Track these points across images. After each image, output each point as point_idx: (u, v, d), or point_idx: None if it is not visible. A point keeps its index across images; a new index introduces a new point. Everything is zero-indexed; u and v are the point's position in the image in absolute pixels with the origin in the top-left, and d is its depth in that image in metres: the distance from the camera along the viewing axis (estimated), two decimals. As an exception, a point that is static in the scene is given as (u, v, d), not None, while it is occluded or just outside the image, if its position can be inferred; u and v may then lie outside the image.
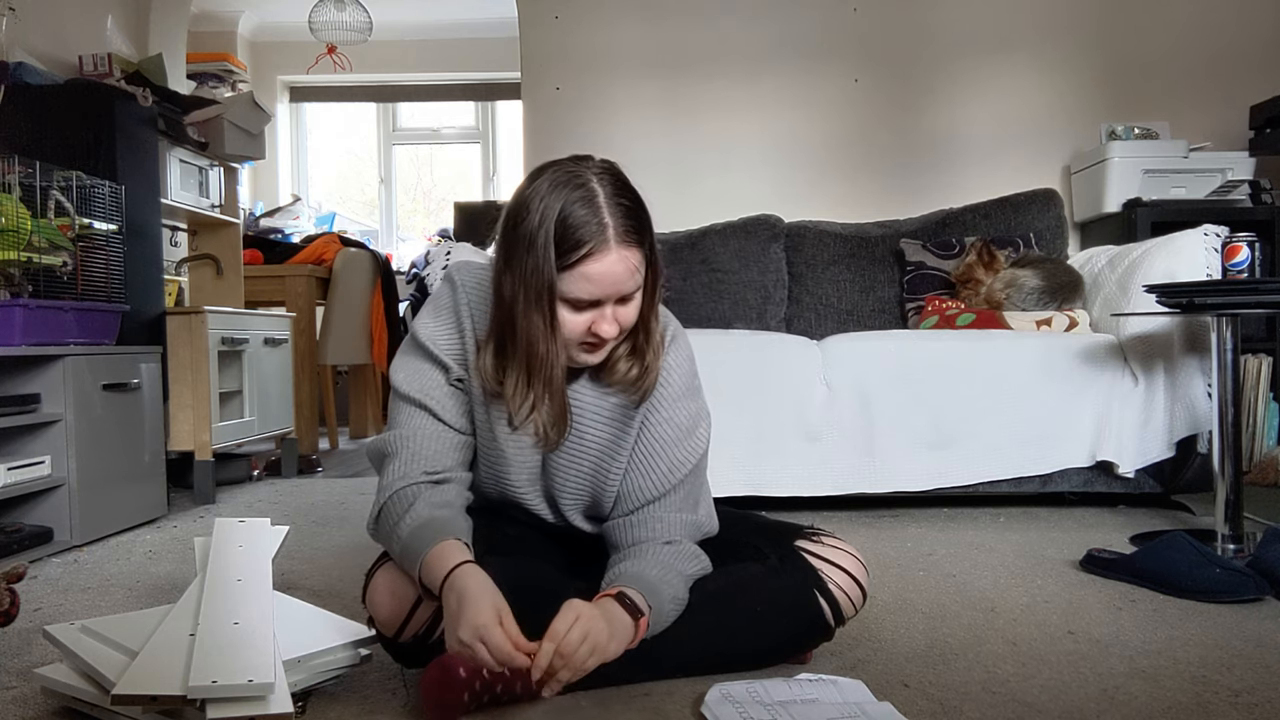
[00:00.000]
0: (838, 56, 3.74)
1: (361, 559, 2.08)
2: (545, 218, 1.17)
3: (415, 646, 1.26)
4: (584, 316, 1.21)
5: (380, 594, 1.26)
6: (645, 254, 1.22)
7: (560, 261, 1.17)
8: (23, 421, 2.22)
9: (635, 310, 1.25)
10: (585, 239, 1.17)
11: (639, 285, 1.23)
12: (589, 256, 1.17)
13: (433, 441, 1.29)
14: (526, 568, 1.30)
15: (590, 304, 1.20)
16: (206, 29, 5.34)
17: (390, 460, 1.29)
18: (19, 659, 1.47)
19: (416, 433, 1.29)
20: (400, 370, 1.33)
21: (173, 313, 2.97)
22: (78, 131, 2.75)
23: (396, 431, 1.30)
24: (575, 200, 1.18)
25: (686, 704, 1.23)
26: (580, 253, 1.17)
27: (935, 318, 2.92)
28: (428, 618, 1.23)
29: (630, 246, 1.19)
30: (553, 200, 1.18)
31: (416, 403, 1.30)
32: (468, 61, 5.78)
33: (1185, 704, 1.22)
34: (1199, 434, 2.44)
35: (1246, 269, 2.13)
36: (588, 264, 1.17)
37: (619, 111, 3.78)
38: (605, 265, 1.18)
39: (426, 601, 1.22)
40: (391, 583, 1.25)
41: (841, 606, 1.35)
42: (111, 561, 2.17)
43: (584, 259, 1.17)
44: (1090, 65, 3.66)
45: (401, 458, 1.28)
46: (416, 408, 1.30)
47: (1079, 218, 3.60)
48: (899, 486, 2.50)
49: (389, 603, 1.25)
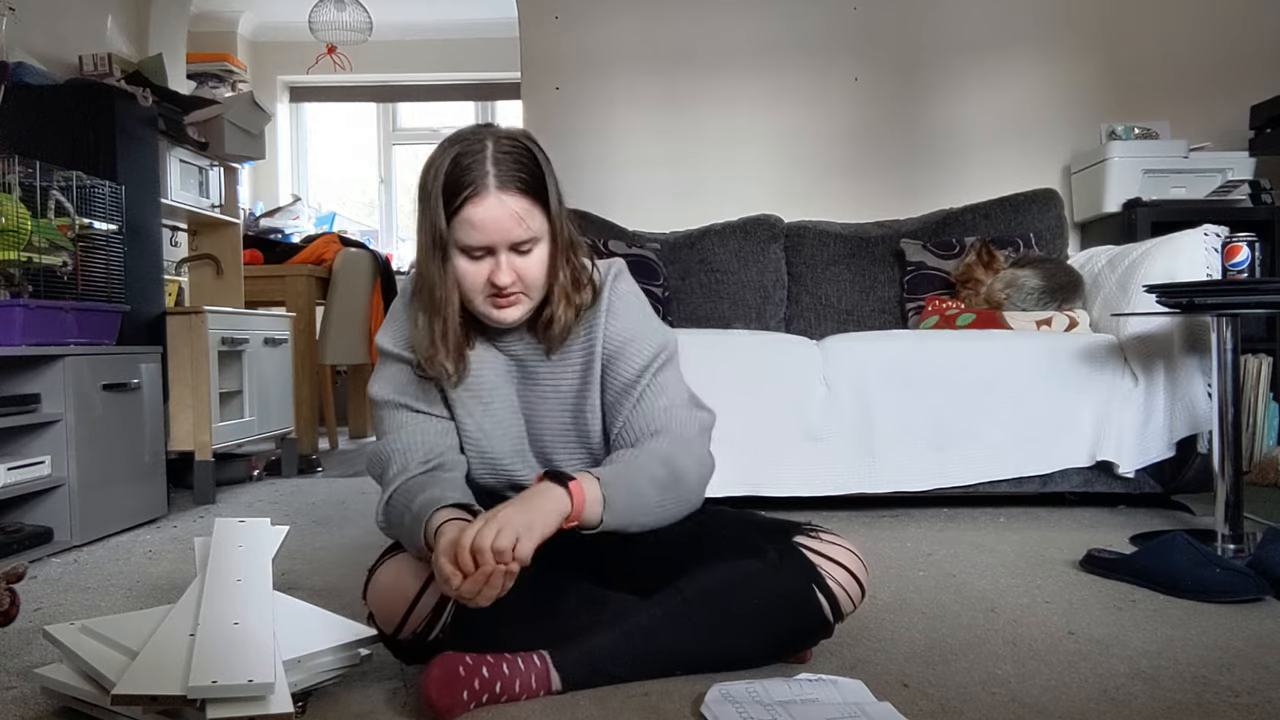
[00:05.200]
0: (838, 56, 3.73)
1: (361, 558, 2.07)
2: (437, 170, 1.26)
3: (414, 644, 1.27)
4: (481, 266, 1.27)
5: (380, 591, 1.27)
6: (540, 208, 1.27)
7: (447, 209, 1.24)
8: (23, 421, 2.22)
9: (538, 266, 1.29)
10: (466, 184, 1.23)
11: (531, 235, 1.27)
12: (469, 200, 1.23)
13: (420, 433, 1.36)
14: (523, 574, 1.28)
15: (483, 252, 1.26)
16: (206, 29, 5.34)
17: (389, 462, 1.34)
18: (19, 659, 1.47)
19: (403, 429, 1.36)
20: (374, 383, 1.40)
21: (173, 313, 2.97)
22: (78, 131, 2.75)
23: (387, 437, 1.37)
24: (463, 153, 1.25)
25: (686, 704, 1.23)
26: (462, 196, 1.23)
27: (935, 318, 2.92)
28: (427, 614, 1.24)
29: (513, 193, 1.24)
30: (444, 155, 1.26)
31: (395, 404, 1.38)
32: (468, 61, 5.78)
33: (1185, 704, 1.22)
34: (1199, 434, 2.44)
35: (1246, 269, 2.13)
36: (469, 208, 1.23)
37: (619, 111, 3.78)
38: (486, 209, 1.23)
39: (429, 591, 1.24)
40: (392, 580, 1.26)
41: (840, 602, 1.35)
42: (111, 561, 2.17)
43: (465, 202, 1.23)
44: (1090, 65, 3.66)
45: (397, 457, 1.34)
46: (396, 409, 1.38)
47: (1079, 218, 3.60)
48: (899, 486, 2.50)
49: (389, 600, 1.26)
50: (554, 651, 1.26)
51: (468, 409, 1.38)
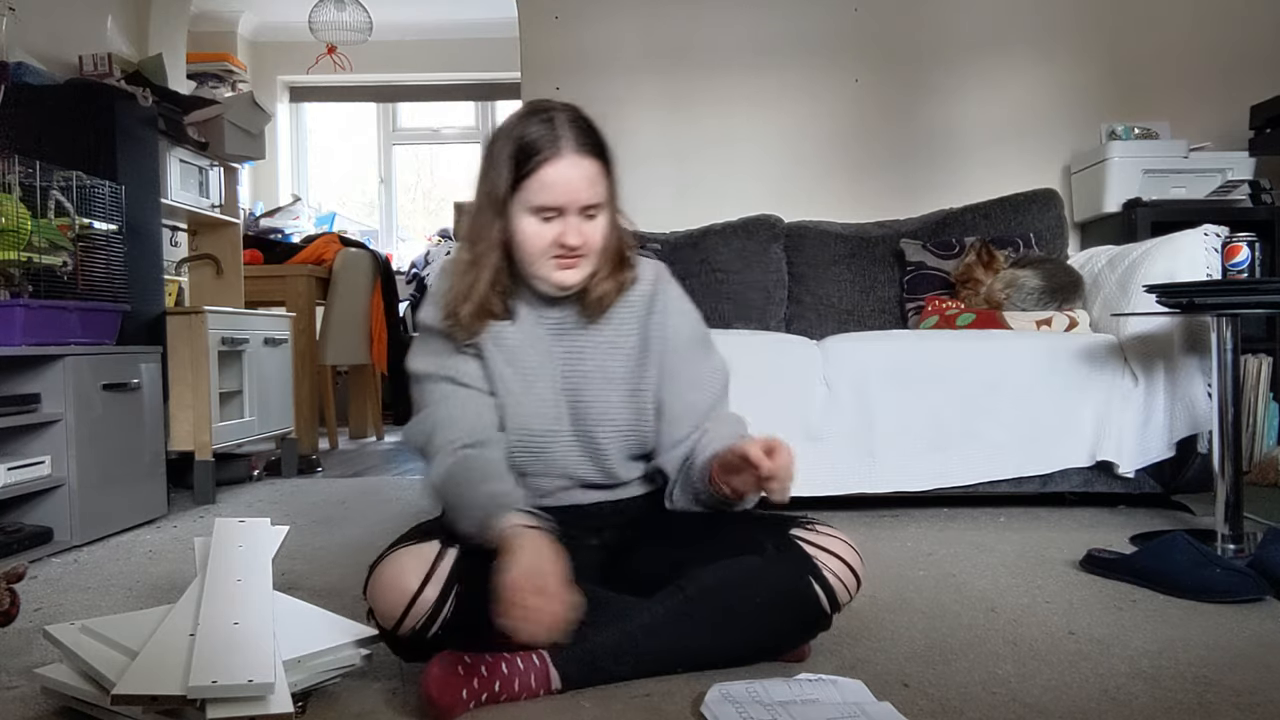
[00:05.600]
0: (838, 56, 3.73)
1: (361, 559, 2.07)
2: (509, 134, 1.33)
3: (414, 640, 1.26)
4: (549, 227, 1.32)
5: (381, 587, 1.27)
6: (606, 177, 1.35)
7: (520, 171, 1.30)
8: (23, 421, 2.22)
9: (601, 231, 1.35)
10: (542, 147, 1.30)
11: (598, 200, 1.34)
12: (546, 161, 1.30)
13: (462, 407, 1.38)
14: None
15: (554, 213, 1.32)
16: (206, 29, 5.34)
17: (433, 432, 1.36)
18: (19, 659, 1.47)
19: (446, 401, 1.38)
20: (416, 358, 1.41)
21: (173, 313, 2.97)
22: (78, 131, 2.75)
23: (430, 409, 1.39)
24: (535, 121, 1.33)
25: (686, 704, 1.23)
26: (539, 157, 1.30)
27: (935, 318, 2.92)
28: (427, 610, 1.24)
29: (587, 156, 1.32)
30: (515, 123, 1.34)
31: (437, 377, 1.39)
32: (468, 61, 5.78)
33: (1187, 704, 1.22)
34: (1199, 434, 2.44)
35: (1246, 269, 2.13)
36: (546, 168, 1.30)
37: (619, 112, 3.77)
38: (560, 170, 1.30)
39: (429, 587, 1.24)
40: (393, 576, 1.26)
41: (837, 593, 1.35)
42: (111, 561, 2.17)
43: (542, 163, 1.30)
44: (1090, 65, 3.66)
45: (443, 429, 1.36)
46: (438, 381, 1.39)
47: (1079, 218, 3.60)
48: (899, 486, 2.50)
49: (389, 596, 1.25)
50: (554, 650, 1.26)
51: (508, 385, 1.40)
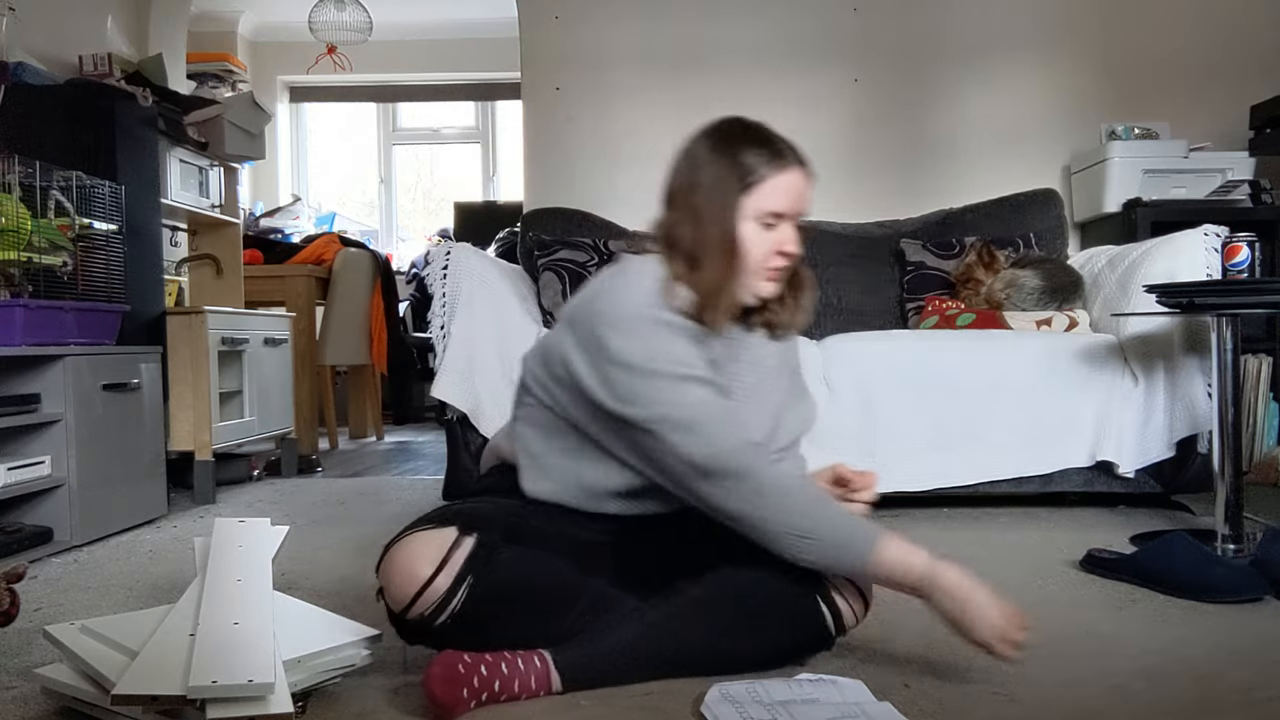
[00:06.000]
0: (838, 56, 3.73)
1: (361, 559, 2.08)
2: (733, 143, 1.33)
3: (420, 625, 1.25)
4: (769, 235, 1.33)
5: (394, 569, 1.25)
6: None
7: (754, 177, 1.31)
8: (23, 421, 2.22)
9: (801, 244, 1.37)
10: (779, 153, 1.33)
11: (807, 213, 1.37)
12: (783, 168, 1.32)
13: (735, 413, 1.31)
14: (542, 565, 1.31)
15: (777, 220, 1.33)
16: (206, 29, 5.34)
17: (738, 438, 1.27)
18: (19, 659, 1.47)
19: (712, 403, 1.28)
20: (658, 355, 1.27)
21: (173, 313, 2.97)
22: (78, 131, 2.75)
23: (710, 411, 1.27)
24: (752, 131, 1.35)
25: (686, 704, 1.23)
26: (775, 164, 1.32)
27: (935, 318, 2.92)
28: (438, 598, 1.23)
29: (806, 170, 1.35)
30: (734, 132, 1.35)
31: (701, 379, 1.29)
32: (468, 61, 5.78)
33: (1187, 704, 1.22)
34: (1199, 434, 2.44)
35: (1246, 269, 2.13)
36: (782, 175, 1.32)
37: (619, 112, 3.78)
38: (794, 178, 1.33)
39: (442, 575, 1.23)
40: (407, 559, 1.24)
41: (844, 616, 1.35)
42: (111, 561, 2.17)
43: (777, 170, 1.32)
44: (1090, 65, 3.65)
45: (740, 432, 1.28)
46: (701, 384, 1.29)
47: (1079, 218, 3.60)
48: (900, 486, 2.50)
49: (401, 579, 1.24)
50: (555, 651, 1.26)
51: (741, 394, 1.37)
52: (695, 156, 1.35)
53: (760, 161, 1.32)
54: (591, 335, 1.30)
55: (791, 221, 1.35)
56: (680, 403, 1.26)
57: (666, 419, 1.26)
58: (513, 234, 4.59)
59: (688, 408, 1.26)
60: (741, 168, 1.31)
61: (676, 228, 1.35)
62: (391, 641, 1.34)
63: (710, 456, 1.25)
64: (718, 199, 1.32)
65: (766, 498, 1.25)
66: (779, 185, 1.32)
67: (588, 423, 1.34)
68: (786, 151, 1.34)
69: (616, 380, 1.27)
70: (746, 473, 1.25)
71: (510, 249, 4.34)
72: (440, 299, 2.57)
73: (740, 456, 1.26)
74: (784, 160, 1.33)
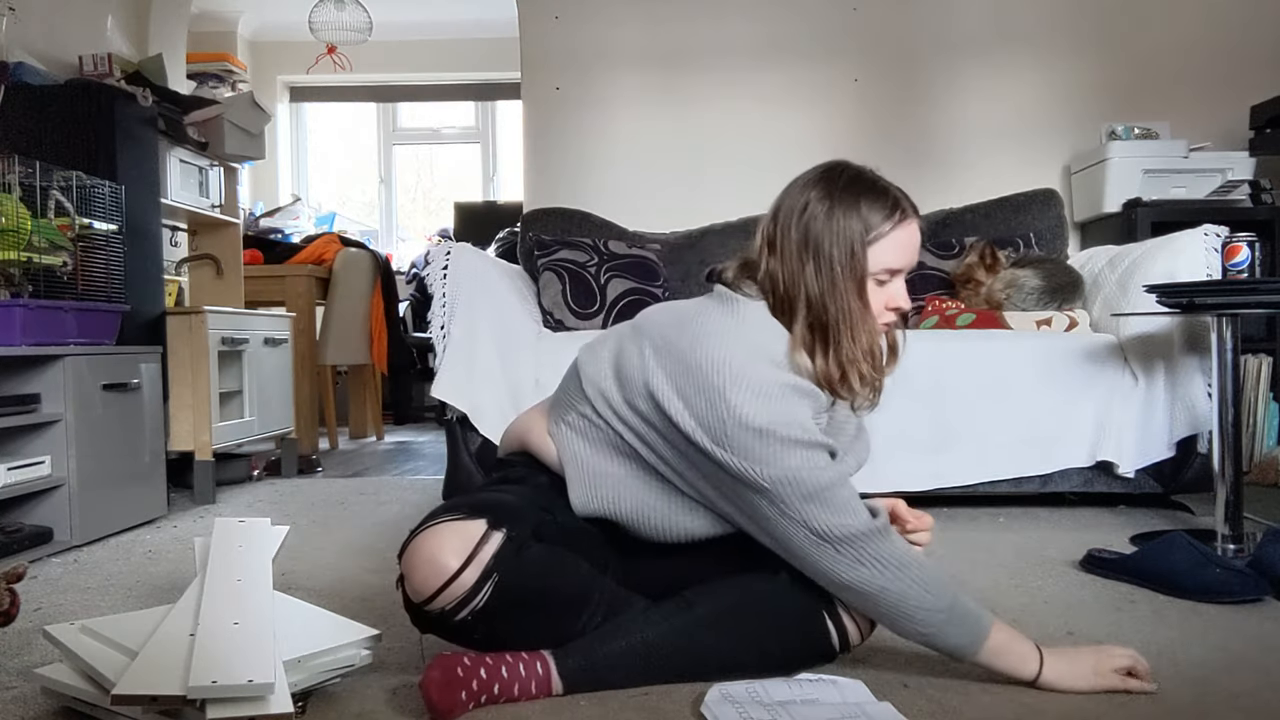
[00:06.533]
0: (838, 56, 3.73)
1: (361, 559, 2.08)
2: (853, 199, 1.28)
3: (440, 618, 1.22)
4: (882, 293, 1.31)
5: (419, 560, 1.21)
6: None
7: (873, 234, 1.28)
8: (23, 421, 2.22)
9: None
10: (899, 206, 1.29)
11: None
12: (900, 223, 1.29)
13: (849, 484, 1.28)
14: (566, 565, 1.29)
15: (891, 276, 1.30)
16: (206, 29, 5.34)
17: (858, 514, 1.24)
18: (19, 659, 1.47)
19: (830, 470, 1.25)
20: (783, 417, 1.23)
21: (173, 313, 2.97)
22: (78, 131, 2.75)
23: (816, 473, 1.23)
24: (868, 181, 1.31)
25: (686, 704, 1.23)
26: (894, 219, 1.28)
27: (935, 318, 2.92)
28: (462, 594, 1.19)
29: (920, 221, 1.32)
30: (852, 188, 1.29)
31: (823, 446, 1.26)
32: (468, 61, 5.79)
33: (1185, 705, 1.22)
34: (1199, 434, 2.44)
35: (1246, 269, 2.13)
36: (901, 230, 1.29)
37: (619, 112, 3.78)
38: (912, 232, 1.30)
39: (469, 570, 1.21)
40: (433, 551, 1.20)
41: (849, 633, 1.34)
42: (111, 561, 2.17)
43: (897, 224, 1.28)
44: (1090, 65, 3.66)
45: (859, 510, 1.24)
46: (822, 450, 1.25)
47: (1079, 218, 3.60)
48: (899, 486, 2.49)
49: (426, 570, 1.20)
50: (558, 654, 1.26)
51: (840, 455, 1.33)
52: (807, 206, 1.29)
53: (880, 215, 1.28)
54: (708, 385, 1.24)
55: (903, 275, 1.32)
56: (805, 467, 1.22)
57: (791, 482, 1.22)
58: (513, 234, 4.59)
59: (814, 472, 1.22)
60: (863, 221, 1.27)
61: (793, 283, 1.29)
62: (392, 642, 1.34)
63: (837, 525, 1.22)
64: (845, 255, 1.27)
65: (887, 568, 1.22)
66: (899, 240, 1.29)
67: (679, 465, 1.31)
68: (903, 202, 1.30)
69: (736, 438, 1.23)
70: (868, 542, 1.23)
71: (510, 249, 4.34)
72: (440, 299, 2.57)
73: (864, 527, 1.23)
74: (903, 213, 1.29)
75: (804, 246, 1.29)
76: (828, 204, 1.28)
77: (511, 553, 1.22)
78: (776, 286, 1.31)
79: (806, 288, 1.28)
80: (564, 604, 1.28)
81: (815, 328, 1.29)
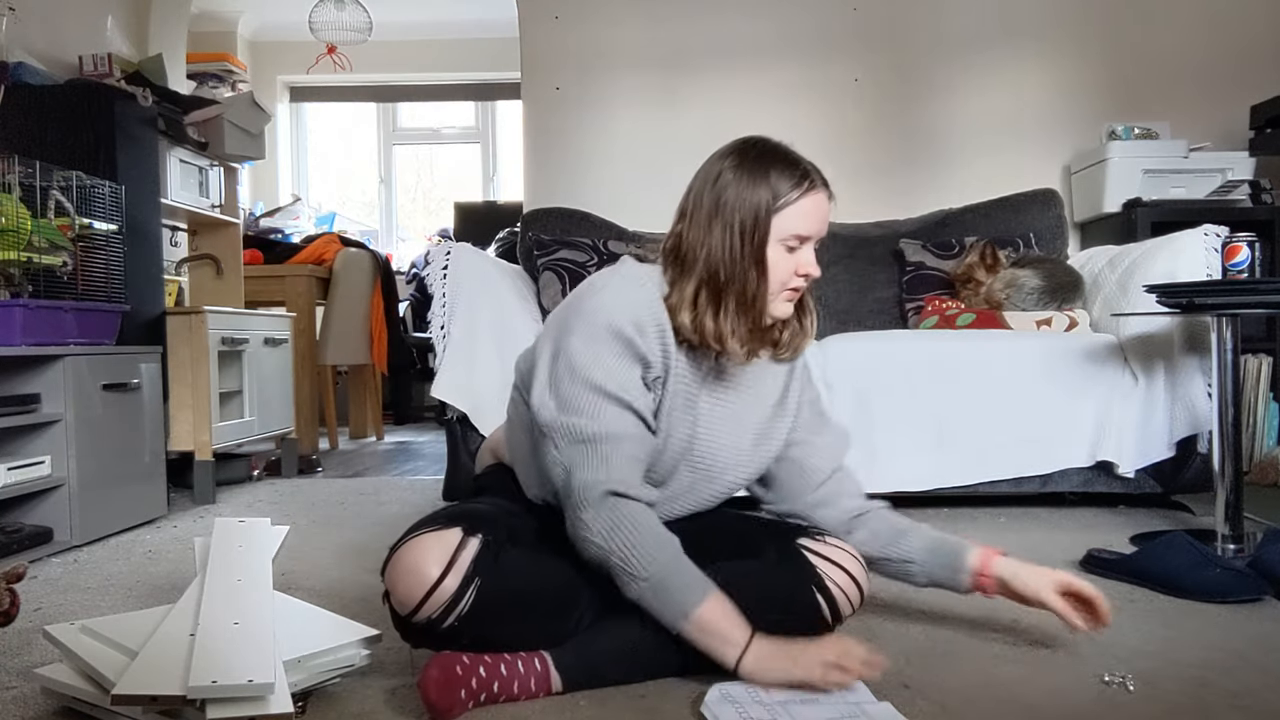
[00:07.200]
0: (838, 56, 3.73)
1: (361, 559, 2.08)
2: (771, 161, 1.32)
3: (427, 628, 1.24)
4: (792, 259, 1.33)
5: (401, 571, 1.24)
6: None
7: (780, 201, 1.31)
8: (23, 421, 2.22)
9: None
10: (806, 175, 1.32)
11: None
12: (808, 191, 1.32)
13: (636, 446, 1.29)
14: (546, 565, 1.31)
15: (800, 243, 1.33)
16: (206, 29, 5.34)
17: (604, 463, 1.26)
18: (19, 659, 1.47)
19: (624, 434, 1.28)
20: (596, 363, 1.28)
21: (173, 313, 2.97)
22: (78, 131, 2.75)
23: (600, 427, 1.26)
24: (780, 153, 1.34)
25: (684, 704, 1.23)
26: (801, 188, 1.31)
27: (935, 318, 2.92)
28: (445, 601, 1.22)
29: (829, 192, 1.35)
30: (760, 158, 1.32)
31: (622, 402, 1.28)
32: (468, 61, 5.79)
33: (1184, 706, 1.22)
34: (1199, 434, 2.44)
35: (1246, 269, 2.13)
36: (807, 197, 1.32)
37: (619, 112, 3.78)
38: (818, 200, 1.33)
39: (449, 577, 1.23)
40: (414, 562, 1.23)
41: (839, 604, 1.36)
42: (111, 561, 2.17)
43: (805, 193, 1.31)
44: (1090, 65, 3.66)
45: (617, 465, 1.26)
46: (622, 408, 1.28)
47: (1079, 218, 3.60)
48: (899, 486, 2.50)
49: (409, 582, 1.23)
50: (556, 652, 1.26)
51: (673, 419, 1.35)
52: (720, 175, 1.33)
53: (789, 184, 1.31)
54: (563, 325, 1.32)
55: (812, 243, 1.35)
56: (584, 410, 1.27)
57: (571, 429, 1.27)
58: (513, 234, 4.59)
59: (593, 420, 1.26)
60: (771, 189, 1.31)
61: (697, 245, 1.32)
62: (391, 642, 1.35)
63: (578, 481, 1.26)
64: (749, 220, 1.30)
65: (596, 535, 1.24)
66: (806, 208, 1.32)
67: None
68: (813, 173, 1.34)
69: (560, 377, 1.29)
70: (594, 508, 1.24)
71: (510, 249, 4.34)
72: (440, 299, 2.57)
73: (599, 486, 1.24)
74: (811, 182, 1.32)
75: (714, 212, 1.32)
76: (738, 172, 1.32)
77: (490, 557, 1.25)
78: (679, 247, 1.35)
79: (709, 250, 1.32)
80: (550, 605, 1.29)
81: (708, 286, 1.32)
